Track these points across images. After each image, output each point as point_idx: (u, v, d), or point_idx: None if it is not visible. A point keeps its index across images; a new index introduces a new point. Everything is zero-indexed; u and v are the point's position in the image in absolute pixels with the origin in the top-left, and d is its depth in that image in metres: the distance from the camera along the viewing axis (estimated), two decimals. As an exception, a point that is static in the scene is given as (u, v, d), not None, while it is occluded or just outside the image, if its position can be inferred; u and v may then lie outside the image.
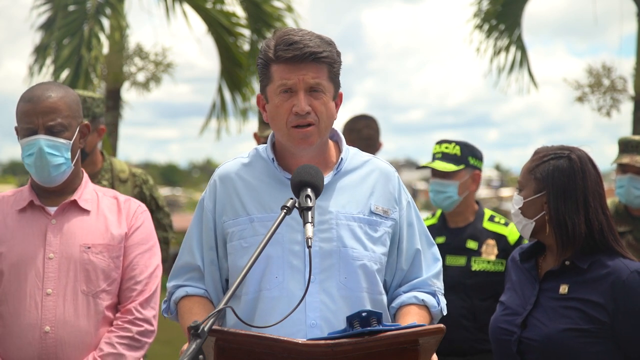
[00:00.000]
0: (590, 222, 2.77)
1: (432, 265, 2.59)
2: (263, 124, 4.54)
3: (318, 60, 2.39)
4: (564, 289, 2.77)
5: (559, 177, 2.80)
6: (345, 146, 2.56)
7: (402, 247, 2.54)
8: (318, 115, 2.41)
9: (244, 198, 2.48)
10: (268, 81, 2.44)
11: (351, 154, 2.56)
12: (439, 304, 2.55)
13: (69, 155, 2.99)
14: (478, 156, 4.21)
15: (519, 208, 2.88)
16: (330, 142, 2.57)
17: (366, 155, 2.59)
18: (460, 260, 4.09)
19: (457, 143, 4.17)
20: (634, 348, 2.71)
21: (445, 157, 4.14)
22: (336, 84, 2.47)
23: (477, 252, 4.09)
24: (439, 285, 2.58)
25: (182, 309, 2.50)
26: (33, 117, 2.93)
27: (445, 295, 3.98)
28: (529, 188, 2.86)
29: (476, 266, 4.05)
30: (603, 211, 2.79)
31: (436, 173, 4.16)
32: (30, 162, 2.96)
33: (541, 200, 2.83)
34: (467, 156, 4.15)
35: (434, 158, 4.18)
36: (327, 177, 2.47)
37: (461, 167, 4.12)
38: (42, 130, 2.94)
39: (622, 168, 4.49)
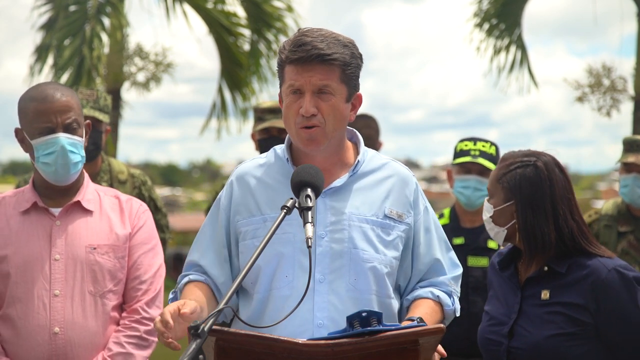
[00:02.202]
0: (560, 229, 2.77)
1: (451, 270, 2.59)
2: (257, 120, 4.57)
3: (326, 62, 2.38)
4: (545, 294, 2.78)
5: (526, 187, 2.80)
6: (363, 148, 2.57)
7: (418, 252, 2.54)
8: (325, 117, 2.41)
9: (258, 197, 2.50)
10: (282, 81, 2.46)
11: (369, 157, 2.57)
12: (453, 304, 2.54)
13: (83, 152, 3.02)
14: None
15: (490, 216, 2.88)
16: (349, 144, 2.58)
17: (385, 158, 2.60)
18: (483, 261, 4.08)
19: (492, 143, 4.17)
20: (619, 346, 2.72)
21: (484, 155, 4.11)
22: (351, 86, 2.46)
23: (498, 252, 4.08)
24: (456, 288, 2.58)
25: (183, 292, 2.50)
26: (51, 115, 2.93)
27: (470, 296, 4.02)
28: (497, 197, 2.87)
29: None
30: (573, 216, 2.80)
31: (474, 170, 4.11)
32: (50, 161, 2.95)
33: (510, 209, 2.83)
34: (498, 158, 4.16)
35: (472, 155, 4.13)
36: (343, 179, 2.49)
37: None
38: (60, 128, 2.94)
39: (627, 167, 4.48)
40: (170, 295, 2.59)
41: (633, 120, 8.98)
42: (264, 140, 4.43)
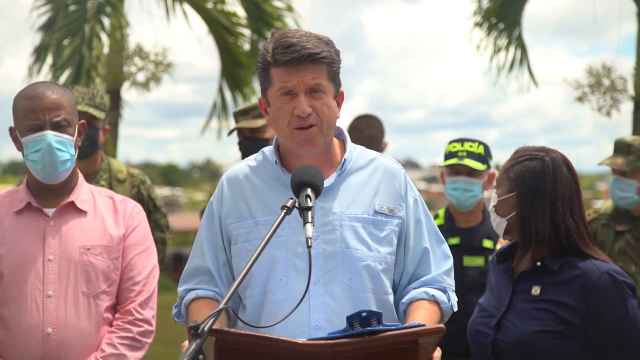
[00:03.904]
0: (557, 225, 2.77)
1: (442, 262, 2.58)
2: (239, 115, 4.49)
3: (316, 61, 2.39)
4: (536, 290, 2.78)
5: (530, 179, 2.81)
6: (350, 146, 2.56)
7: (408, 245, 2.53)
8: (320, 115, 2.41)
9: (249, 200, 2.49)
10: (268, 84, 2.44)
11: (357, 154, 2.56)
12: (449, 300, 2.53)
13: (73, 151, 3.01)
14: (491, 156, 4.23)
15: (494, 206, 2.90)
16: (337, 141, 2.57)
17: (372, 154, 2.59)
18: (479, 261, 4.08)
19: (480, 143, 4.17)
20: (605, 349, 2.71)
21: (472, 155, 4.11)
22: (336, 83, 2.47)
23: (494, 251, 4.09)
24: (450, 282, 2.57)
25: (191, 311, 2.50)
26: (39, 113, 2.93)
27: (466, 296, 4.01)
28: (503, 187, 2.88)
29: None
30: (572, 215, 2.79)
31: (463, 171, 4.12)
32: (37, 158, 2.95)
33: (513, 200, 2.84)
34: (487, 156, 4.16)
35: (459, 156, 4.13)
36: (331, 178, 2.48)
37: (485, 166, 4.13)
38: (48, 126, 2.94)
39: (613, 169, 4.51)
40: (174, 310, 2.57)
41: (633, 120, 8.98)
42: (240, 143, 4.44)
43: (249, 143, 4.35)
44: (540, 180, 2.79)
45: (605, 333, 2.69)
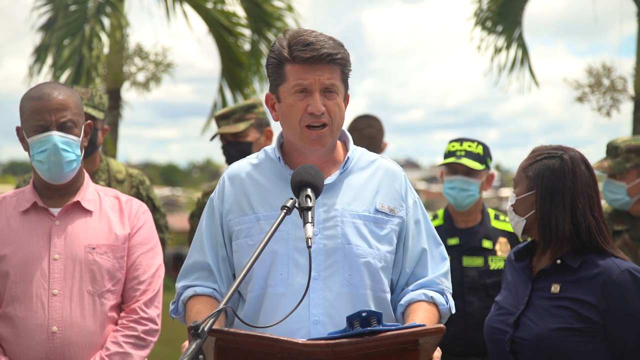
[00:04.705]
0: (578, 223, 2.78)
1: (439, 264, 2.59)
2: (221, 119, 4.46)
3: (333, 62, 2.42)
4: (555, 288, 2.78)
5: (549, 177, 2.82)
6: (352, 146, 2.59)
7: (407, 245, 2.55)
8: (332, 115, 2.44)
9: (251, 196, 2.50)
10: (281, 80, 2.45)
11: (358, 154, 2.59)
12: (447, 302, 2.55)
13: (79, 152, 3.02)
14: (491, 157, 4.23)
15: (512, 205, 2.90)
16: (338, 142, 2.59)
17: (373, 155, 2.62)
18: (478, 261, 4.08)
19: (479, 143, 4.17)
20: (625, 347, 2.71)
21: (470, 155, 4.12)
22: (346, 86, 2.50)
23: (493, 251, 4.09)
24: (447, 284, 2.59)
25: (189, 308, 2.51)
26: (45, 114, 2.95)
27: (466, 296, 4.03)
28: (521, 186, 2.89)
29: (494, 265, 4.05)
30: (592, 213, 2.80)
31: (460, 171, 4.13)
32: (43, 159, 2.97)
33: (532, 199, 2.85)
34: (487, 157, 4.17)
35: (457, 156, 4.14)
36: (334, 176, 2.50)
37: (483, 166, 4.13)
38: (54, 127, 2.96)
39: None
40: (171, 307, 2.57)
41: (633, 120, 8.99)
42: (223, 147, 4.41)
43: (232, 148, 4.32)
44: (560, 178, 2.80)
45: (626, 331, 2.70)
